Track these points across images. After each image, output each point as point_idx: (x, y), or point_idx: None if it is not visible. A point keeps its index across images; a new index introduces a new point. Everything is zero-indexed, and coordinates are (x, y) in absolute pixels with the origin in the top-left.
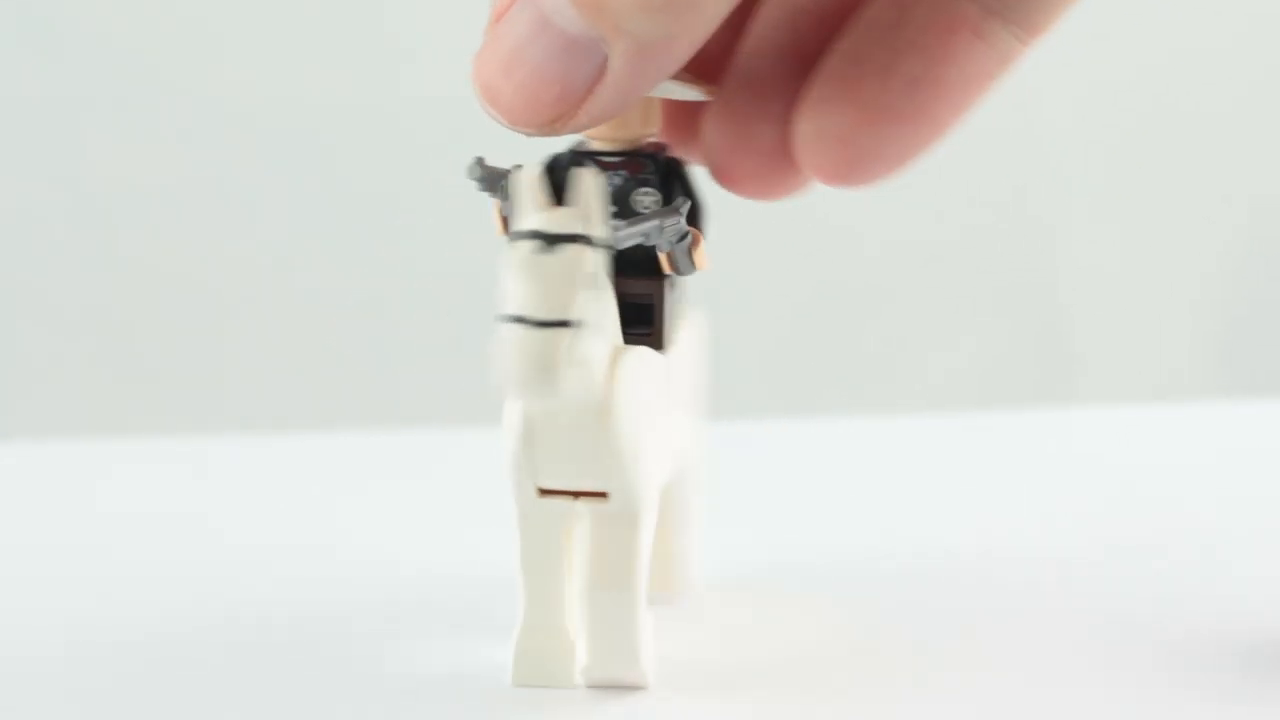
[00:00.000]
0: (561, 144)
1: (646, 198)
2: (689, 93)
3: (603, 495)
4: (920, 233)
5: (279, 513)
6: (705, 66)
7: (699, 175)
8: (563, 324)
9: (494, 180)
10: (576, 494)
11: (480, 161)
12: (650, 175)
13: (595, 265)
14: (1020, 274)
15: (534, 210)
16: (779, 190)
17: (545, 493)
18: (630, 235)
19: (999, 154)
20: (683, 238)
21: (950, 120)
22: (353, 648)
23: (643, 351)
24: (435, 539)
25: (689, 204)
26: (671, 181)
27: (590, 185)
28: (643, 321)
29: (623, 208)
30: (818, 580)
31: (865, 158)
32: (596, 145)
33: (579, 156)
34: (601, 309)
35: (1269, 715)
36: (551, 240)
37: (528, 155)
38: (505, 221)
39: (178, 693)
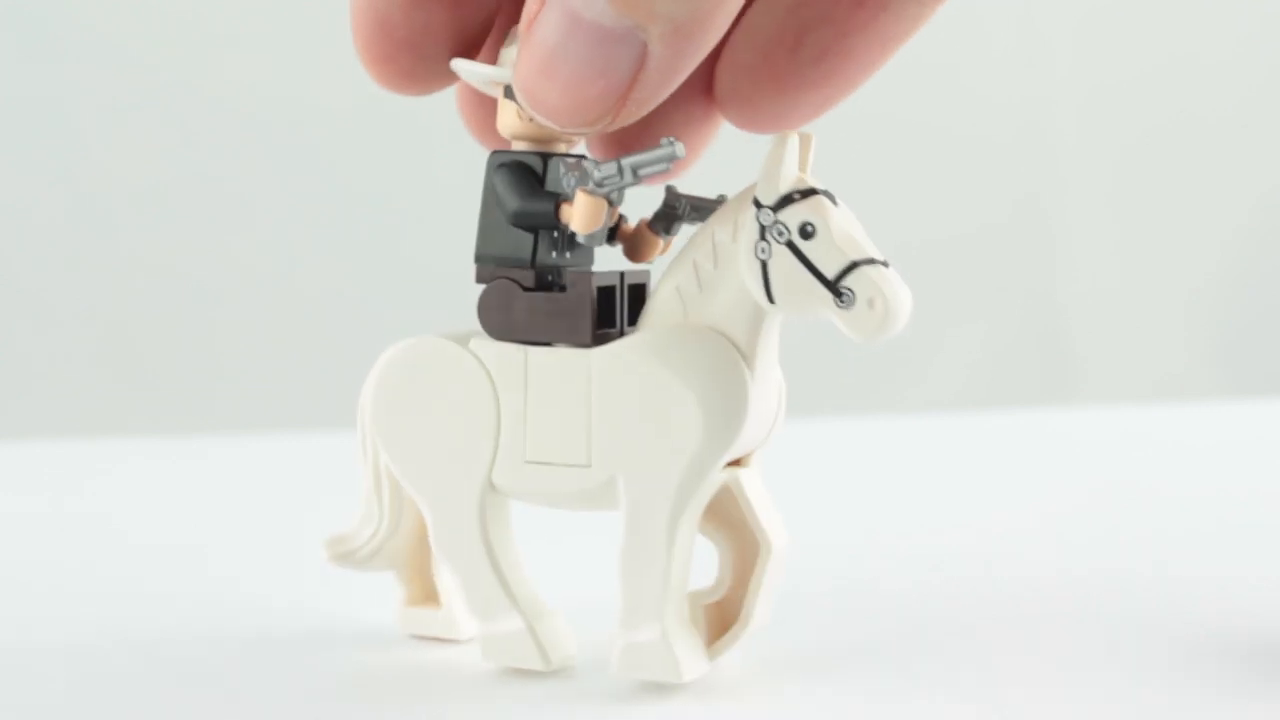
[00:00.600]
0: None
1: None
2: None
3: (739, 461)
4: (922, 234)
5: (278, 511)
6: None
7: None
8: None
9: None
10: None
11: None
12: None
13: None
14: (1021, 275)
15: (796, 171)
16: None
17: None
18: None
19: (1001, 157)
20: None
21: (859, 81)
22: (355, 644)
23: None
24: None
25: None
26: None
27: (811, 148)
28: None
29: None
30: (820, 577)
31: (777, 119)
32: (524, 146)
33: (545, 156)
34: None
35: (1269, 713)
36: (832, 197)
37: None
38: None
39: (181, 692)
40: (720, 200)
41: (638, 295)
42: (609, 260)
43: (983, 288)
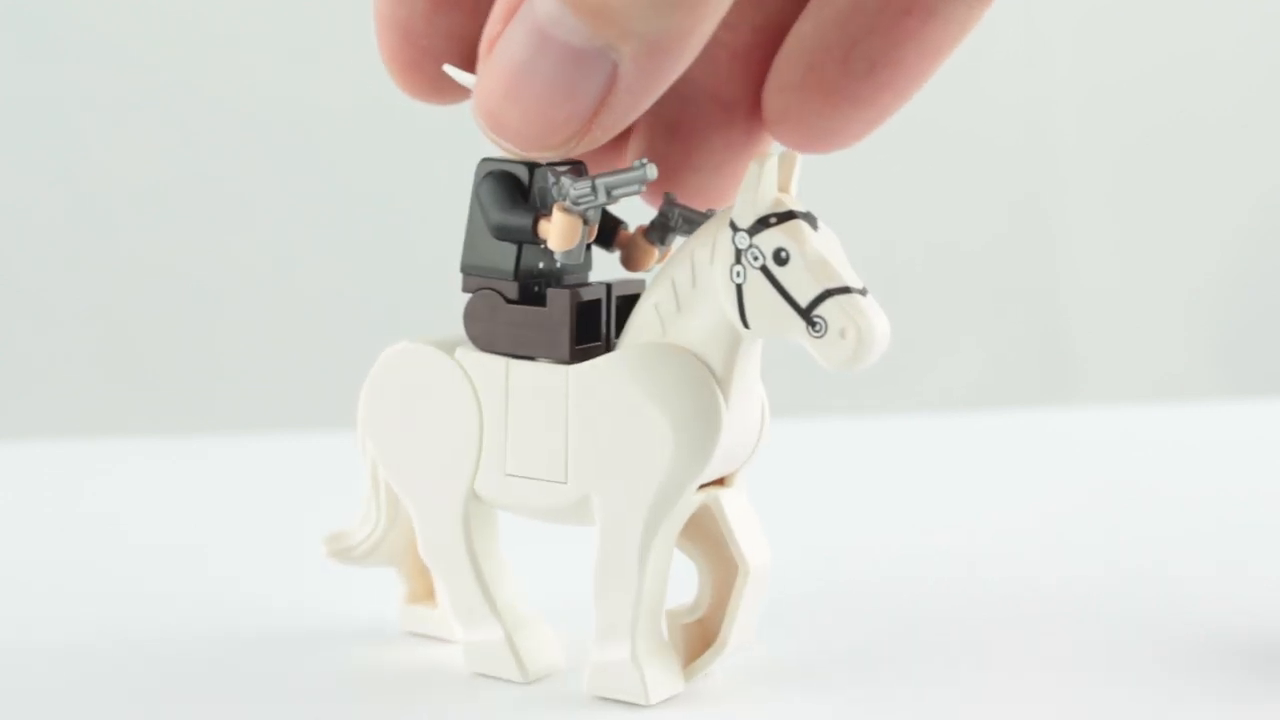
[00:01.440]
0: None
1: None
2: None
3: (722, 481)
4: (922, 235)
5: (278, 511)
6: None
7: None
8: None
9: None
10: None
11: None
12: None
13: None
14: (1022, 275)
15: (774, 193)
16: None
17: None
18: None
19: (1001, 157)
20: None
21: (912, 91)
22: (355, 643)
23: None
24: None
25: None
26: None
27: (798, 167)
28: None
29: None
30: (819, 577)
31: (831, 136)
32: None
33: (532, 166)
34: None
35: (1269, 713)
36: (812, 220)
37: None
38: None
39: (181, 692)
40: (710, 215)
41: (629, 306)
42: (606, 268)
43: (982, 288)
